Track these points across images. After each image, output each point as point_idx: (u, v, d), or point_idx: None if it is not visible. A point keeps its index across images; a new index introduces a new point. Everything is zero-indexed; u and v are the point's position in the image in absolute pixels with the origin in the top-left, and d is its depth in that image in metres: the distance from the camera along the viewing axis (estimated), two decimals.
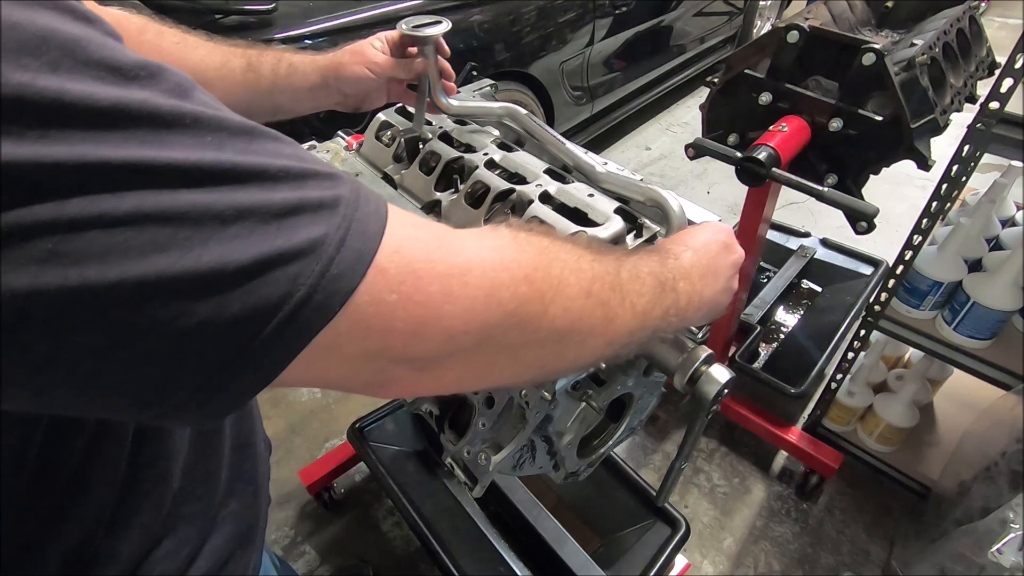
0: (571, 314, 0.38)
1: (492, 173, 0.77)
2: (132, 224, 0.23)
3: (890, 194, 2.73)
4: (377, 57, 0.74)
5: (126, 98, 0.24)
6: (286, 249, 0.26)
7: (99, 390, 0.26)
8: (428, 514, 1.24)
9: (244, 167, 0.27)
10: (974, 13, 1.31)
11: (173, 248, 0.24)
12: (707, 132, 1.27)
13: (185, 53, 0.66)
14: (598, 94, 2.70)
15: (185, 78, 0.28)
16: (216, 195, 0.25)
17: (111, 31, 0.26)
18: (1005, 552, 0.95)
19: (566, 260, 0.39)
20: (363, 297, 0.29)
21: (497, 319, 0.34)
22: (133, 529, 0.42)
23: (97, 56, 0.24)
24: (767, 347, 1.76)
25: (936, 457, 1.51)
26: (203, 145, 0.26)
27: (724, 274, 0.55)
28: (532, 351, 0.38)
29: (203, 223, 0.25)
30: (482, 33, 2.01)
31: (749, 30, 3.70)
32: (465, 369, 0.36)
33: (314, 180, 0.29)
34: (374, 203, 0.32)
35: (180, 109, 0.26)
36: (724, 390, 0.57)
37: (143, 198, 0.24)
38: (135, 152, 0.24)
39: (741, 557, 1.50)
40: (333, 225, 0.28)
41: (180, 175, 0.25)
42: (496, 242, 0.36)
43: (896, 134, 1.03)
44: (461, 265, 0.33)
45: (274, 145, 0.29)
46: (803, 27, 1.06)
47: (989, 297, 1.19)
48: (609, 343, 0.42)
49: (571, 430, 0.65)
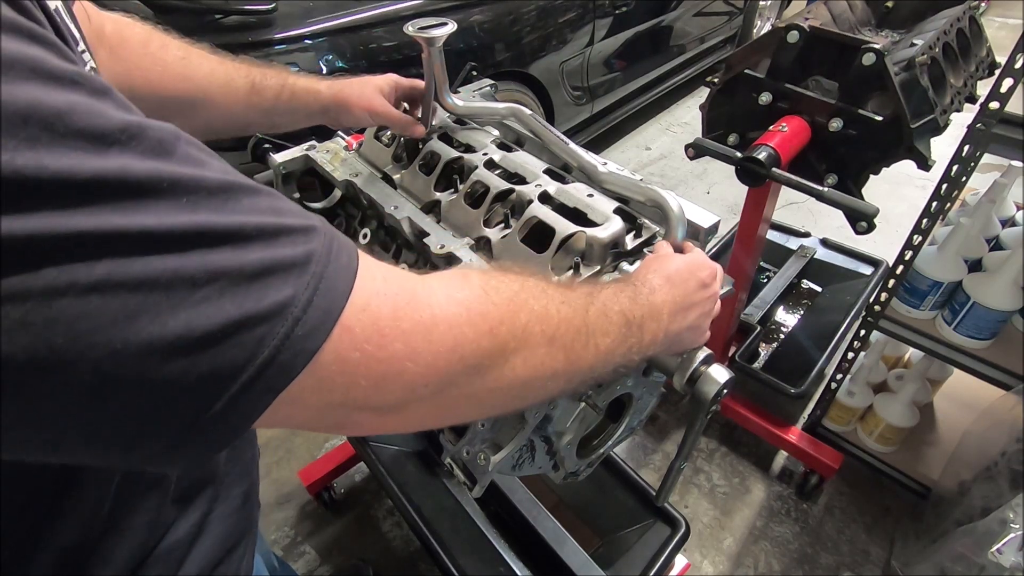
0: (532, 362, 0.40)
1: (492, 173, 0.77)
2: (103, 291, 0.24)
3: (890, 194, 2.73)
4: (382, 108, 0.77)
5: (104, 168, 0.24)
6: (254, 313, 0.27)
7: (67, 445, 0.27)
8: (428, 514, 1.24)
9: (219, 229, 0.27)
10: (974, 13, 1.31)
11: (142, 314, 0.25)
12: (707, 132, 1.27)
13: (189, 70, 0.67)
14: (598, 94, 2.70)
15: (168, 132, 0.28)
16: (188, 258, 0.26)
17: (100, 88, 0.27)
18: (1005, 552, 0.95)
19: (533, 307, 0.40)
20: (327, 356, 0.30)
21: (458, 371, 0.36)
22: (128, 531, 0.42)
23: (79, 126, 0.24)
24: (767, 347, 1.76)
25: (936, 457, 1.51)
26: (178, 208, 0.26)
27: (695, 312, 0.55)
28: (493, 396, 0.39)
29: (173, 287, 0.25)
30: (482, 33, 2.01)
31: (749, 30, 3.70)
32: (427, 412, 0.37)
33: (287, 237, 0.30)
34: (346, 256, 0.33)
35: (158, 173, 0.26)
36: (723, 390, 0.57)
37: (114, 266, 0.24)
38: (109, 221, 0.24)
39: (741, 557, 1.50)
40: (302, 285, 0.29)
41: (153, 241, 0.25)
42: (465, 293, 0.37)
43: (896, 134, 1.03)
44: (426, 321, 0.34)
45: (251, 200, 0.30)
46: (803, 27, 1.06)
47: (989, 297, 1.19)
48: (569, 381, 0.44)
49: (570, 430, 0.65)
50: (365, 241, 0.85)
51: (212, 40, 1.68)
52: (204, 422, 0.28)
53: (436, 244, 0.70)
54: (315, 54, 1.60)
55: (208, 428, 0.28)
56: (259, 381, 0.28)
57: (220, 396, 0.27)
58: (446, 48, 0.78)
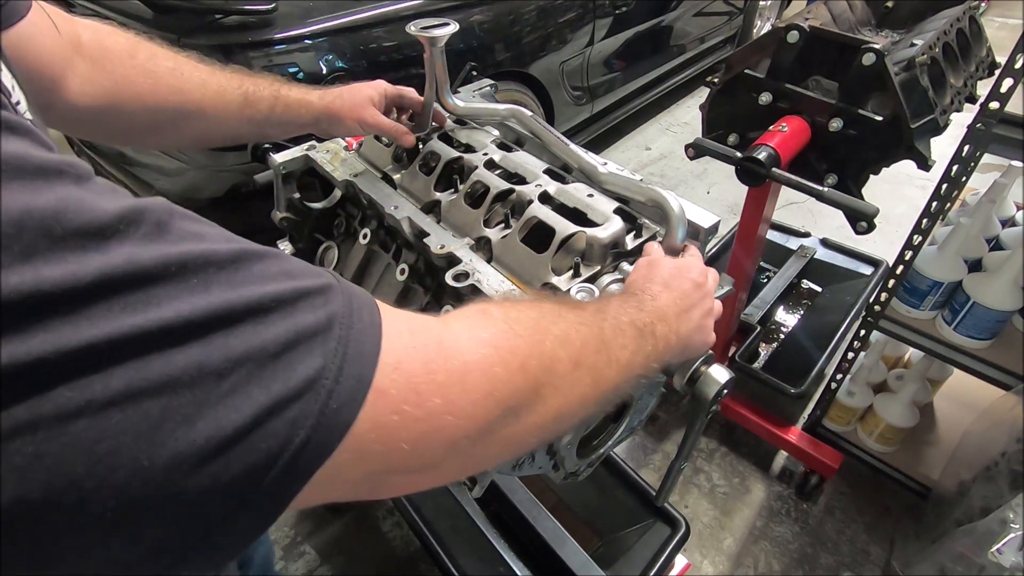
0: (563, 391, 0.39)
1: (492, 173, 0.77)
2: (122, 404, 0.22)
3: (890, 194, 2.73)
4: (372, 119, 0.78)
5: (108, 264, 0.22)
6: (284, 394, 0.25)
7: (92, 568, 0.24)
8: (428, 514, 1.24)
9: (236, 307, 0.25)
10: (974, 13, 1.31)
11: (167, 422, 0.22)
12: (707, 132, 1.27)
13: (181, 81, 0.65)
14: (598, 94, 2.70)
15: (164, 210, 0.26)
16: (209, 348, 0.24)
17: (82, 172, 0.25)
18: (1005, 552, 0.95)
19: (556, 333, 0.40)
20: (364, 425, 0.28)
21: (496, 416, 0.34)
22: None
23: (75, 224, 0.22)
24: (767, 347, 1.76)
25: (936, 457, 1.51)
26: (191, 291, 0.24)
27: (697, 311, 0.55)
28: (530, 435, 0.38)
29: (198, 384, 0.23)
30: (482, 33, 2.01)
31: (749, 30, 3.70)
32: (463, 465, 0.36)
33: (305, 301, 0.28)
34: (368, 313, 0.31)
35: (165, 258, 0.24)
36: (724, 390, 0.58)
37: (134, 372, 0.22)
38: (122, 323, 0.22)
39: (741, 557, 1.50)
40: (329, 353, 0.27)
41: (170, 335, 0.23)
42: (490, 332, 0.36)
43: (896, 134, 1.03)
44: (459, 370, 0.33)
45: (261, 266, 0.28)
46: (803, 27, 1.06)
47: (989, 297, 1.19)
48: (597, 402, 0.43)
49: (570, 430, 0.65)
50: (365, 241, 0.85)
51: (212, 40, 1.68)
52: (232, 520, 0.25)
53: (436, 244, 0.70)
54: (315, 54, 1.60)
55: (237, 525, 0.26)
56: (294, 467, 0.26)
57: (255, 491, 0.25)
58: (446, 48, 0.78)
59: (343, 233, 0.93)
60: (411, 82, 0.86)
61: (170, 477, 0.22)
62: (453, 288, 0.65)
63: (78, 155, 2.24)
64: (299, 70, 1.58)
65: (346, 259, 0.89)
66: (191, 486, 0.23)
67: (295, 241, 0.93)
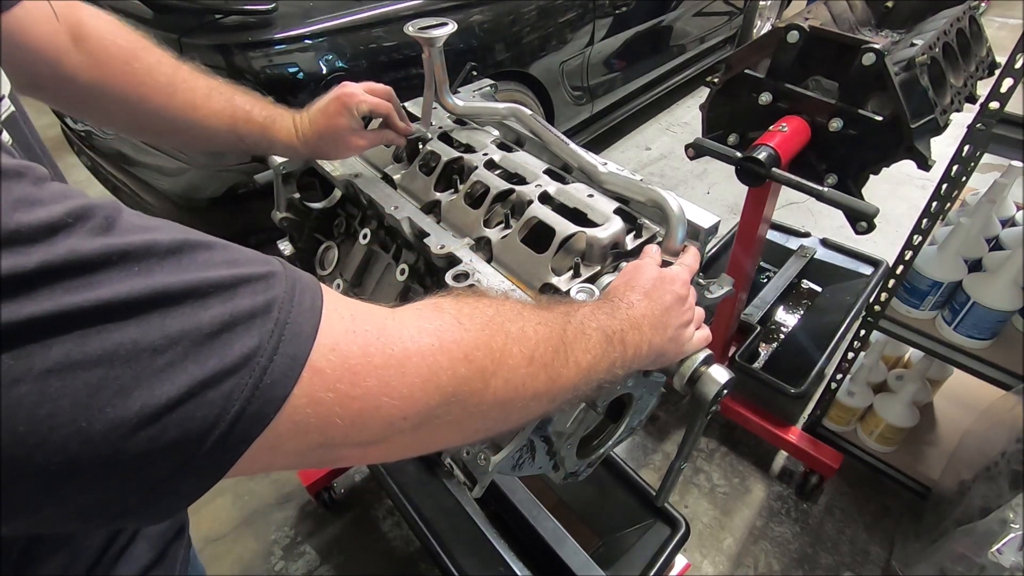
0: (513, 383, 0.40)
1: (492, 173, 0.77)
2: (62, 372, 0.24)
3: (890, 194, 2.73)
4: (359, 149, 0.79)
5: (51, 254, 0.25)
6: (219, 369, 0.27)
7: (37, 516, 0.27)
8: (428, 514, 1.24)
9: (174, 290, 0.27)
10: (974, 13, 1.31)
11: (104, 391, 0.25)
12: (707, 132, 1.27)
13: (173, 101, 0.66)
14: (598, 94, 2.70)
15: (113, 206, 0.28)
16: (146, 326, 0.26)
17: (39, 175, 0.27)
18: (1005, 552, 0.95)
19: (509, 330, 0.41)
20: (299, 400, 0.30)
21: (436, 401, 0.36)
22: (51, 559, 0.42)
23: (27, 220, 0.25)
24: (767, 347, 1.76)
25: (936, 457, 1.51)
26: (131, 276, 0.26)
27: (673, 324, 0.56)
28: (475, 421, 0.40)
29: (135, 358, 0.25)
30: (482, 33, 2.01)
31: (749, 30, 3.70)
32: (411, 442, 0.38)
33: (246, 286, 0.30)
34: (309, 298, 0.33)
35: (108, 248, 0.26)
36: (723, 390, 0.58)
37: (72, 346, 0.24)
38: (61, 301, 0.24)
39: (741, 557, 1.50)
40: (266, 333, 0.29)
41: (108, 313, 0.25)
42: (437, 323, 0.38)
43: (896, 134, 1.03)
44: (399, 355, 0.34)
45: (205, 255, 0.30)
46: (803, 27, 1.06)
47: (989, 297, 1.19)
48: (553, 400, 0.44)
49: (570, 430, 0.65)
50: (365, 241, 0.85)
51: (212, 40, 1.68)
52: (176, 479, 0.28)
53: (436, 244, 0.70)
54: (315, 54, 1.60)
55: (180, 484, 0.28)
56: (231, 435, 0.28)
57: (194, 455, 0.27)
58: (446, 48, 0.78)
59: (343, 233, 0.93)
60: (411, 82, 0.86)
61: (108, 439, 0.25)
62: (453, 288, 0.65)
63: (77, 155, 2.24)
64: (299, 70, 1.58)
65: (346, 259, 0.89)
66: (129, 448, 0.26)
67: (295, 241, 0.93)
